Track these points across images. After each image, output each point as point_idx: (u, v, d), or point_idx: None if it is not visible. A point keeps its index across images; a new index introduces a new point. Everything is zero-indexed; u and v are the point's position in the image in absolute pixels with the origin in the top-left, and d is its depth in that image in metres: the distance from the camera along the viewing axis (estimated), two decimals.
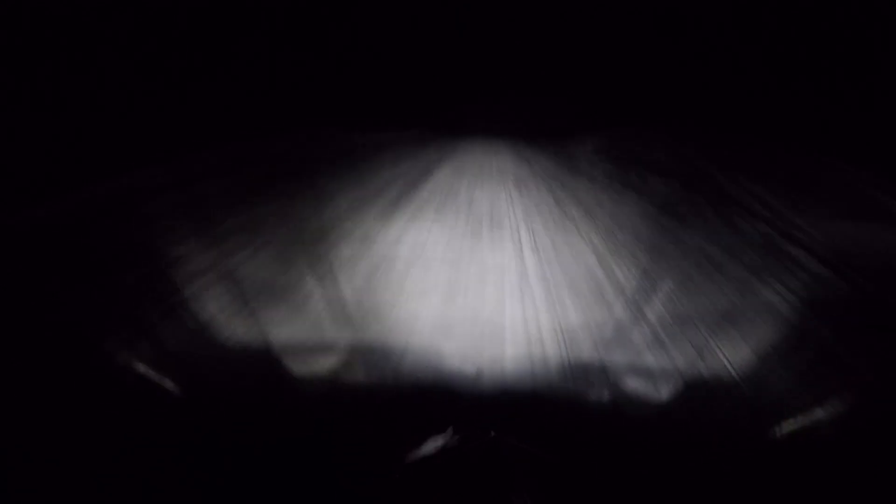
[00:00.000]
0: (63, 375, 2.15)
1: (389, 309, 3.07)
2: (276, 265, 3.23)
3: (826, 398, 2.33)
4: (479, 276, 3.40)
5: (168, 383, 2.30)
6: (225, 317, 2.76)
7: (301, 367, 2.60)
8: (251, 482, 1.99)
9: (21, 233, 2.83)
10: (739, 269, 3.25)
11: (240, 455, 2.09)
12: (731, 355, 2.64)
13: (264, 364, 2.60)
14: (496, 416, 2.50)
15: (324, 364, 2.66)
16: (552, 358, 2.76)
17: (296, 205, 3.90)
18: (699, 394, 2.48)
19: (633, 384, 2.60)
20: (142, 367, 2.32)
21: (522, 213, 4.15)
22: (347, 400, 2.54)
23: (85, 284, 2.68)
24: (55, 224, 2.94)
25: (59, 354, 2.26)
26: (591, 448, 2.26)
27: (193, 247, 3.17)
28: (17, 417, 1.89)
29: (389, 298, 3.15)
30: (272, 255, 3.30)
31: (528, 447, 1.54)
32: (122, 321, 2.54)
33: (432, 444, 1.87)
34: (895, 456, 2.03)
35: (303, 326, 2.83)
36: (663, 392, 2.53)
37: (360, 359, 2.72)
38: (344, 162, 4.81)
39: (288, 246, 3.42)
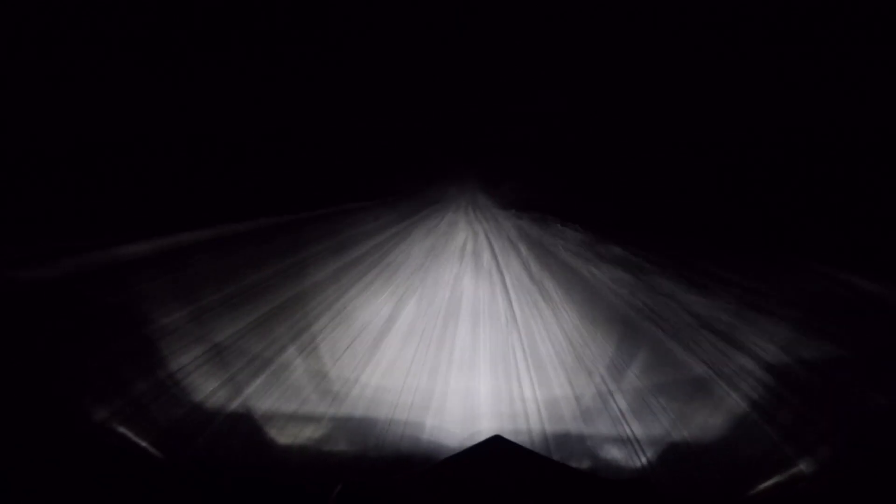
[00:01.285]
0: (49, 439, 2.10)
1: (370, 381, 3.11)
2: (259, 336, 3.26)
3: (802, 456, 2.44)
4: (460, 351, 3.50)
5: (152, 449, 2.25)
6: (209, 386, 2.75)
7: (284, 437, 2.58)
8: None
9: (11, 296, 2.83)
10: (712, 337, 3.43)
11: None
12: (708, 419, 2.75)
13: (247, 432, 2.57)
14: None
15: (307, 434, 2.65)
16: (533, 430, 2.81)
17: (276, 273, 3.99)
18: (676, 458, 2.56)
19: (611, 454, 2.65)
20: (126, 433, 2.27)
21: (501, 288, 4.33)
22: (330, 470, 2.50)
23: (73, 351, 2.66)
24: (45, 291, 2.96)
25: (44, 419, 2.21)
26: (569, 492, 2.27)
27: (179, 318, 3.19)
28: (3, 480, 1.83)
29: (370, 371, 3.19)
30: (255, 326, 3.33)
31: (529, 449, 1.59)
32: (107, 388, 2.50)
33: None
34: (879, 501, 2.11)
35: (285, 396, 2.84)
36: (642, 458, 2.59)
37: (342, 430, 2.72)
38: (327, 236, 4.96)
39: (270, 317, 3.47)
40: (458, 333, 3.69)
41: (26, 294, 2.90)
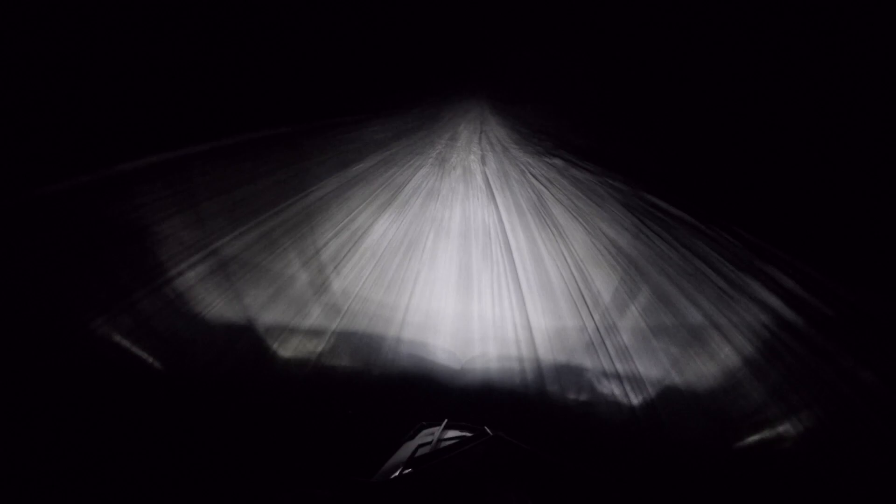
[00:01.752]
0: (48, 348, 2.04)
1: (373, 297, 3.07)
2: (262, 247, 3.14)
3: (793, 413, 2.51)
4: (465, 275, 3.43)
5: (151, 359, 2.23)
6: (209, 295, 2.68)
7: (285, 350, 2.58)
8: (230, 460, 1.96)
9: (10, 213, 2.66)
10: (715, 285, 3.40)
11: (220, 432, 2.06)
12: (702, 367, 2.78)
13: (247, 343, 2.55)
14: (478, 411, 2.56)
15: (309, 348, 2.64)
16: (533, 359, 2.84)
17: (281, 187, 3.80)
18: (670, 402, 2.62)
19: (608, 389, 2.71)
20: (125, 342, 2.22)
21: (507, 216, 4.20)
22: (331, 384, 2.53)
23: (72, 260, 2.54)
24: (46, 204, 2.77)
25: (44, 328, 2.14)
26: (566, 444, 2.35)
27: (178, 225, 3.05)
28: (9, 389, 1.80)
29: (373, 287, 3.14)
30: (257, 237, 3.21)
31: (528, 447, 1.58)
32: (107, 297, 2.42)
33: (427, 436, 1.89)
34: (856, 470, 2.21)
35: (288, 310, 2.79)
36: (635, 399, 2.65)
37: (345, 345, 2.72)
38: (330, 146, 4.70)
39: (273, 228, 3.33)
40: (464, 256, 3.59)
41: (32, 207, 2.72)
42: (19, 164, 2.84)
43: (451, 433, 1.86)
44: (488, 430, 1.86)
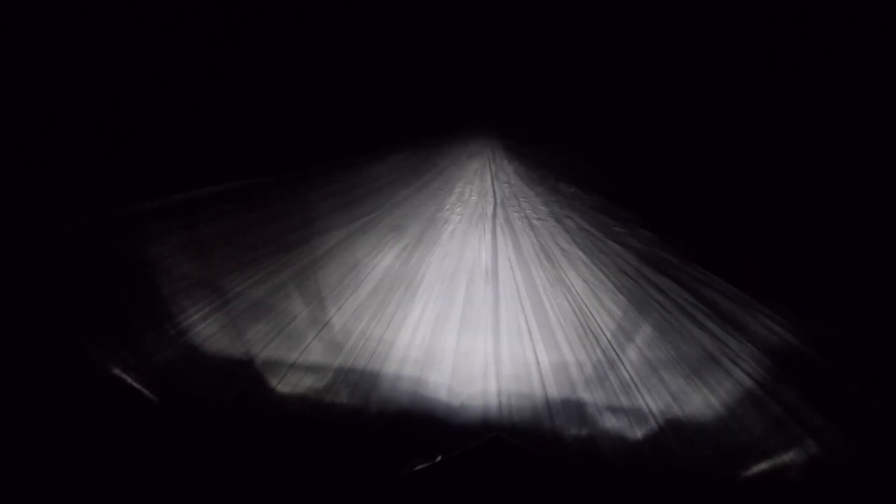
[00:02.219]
0: (50, 383, 2.07)
1: (374, 334, 3.08)
2: (263, 283, 3.21)
3: (796, 443, 2.45)
4: (465, 310, 3.46)
5: (150, 393, 2.24)
6: (210, 331, 2.72)
7: (284, 385, 2.57)
8: (228, 495, 1.93)
9: (16, 248, 2.77)
10: (716, 319, 3.41)
11: (218, 467, 2.03)
12: (705, 400, 2.75)
13: (246, 378, 2.56)
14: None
15: (307, 384, 2.64)
16: (533, 394, 2.81)
17: (284, 225, 3.91)
18: (673, 435, 2.57)
19: (611, 423, 2.67)
20: (125, 377, 2.25)
21: (511, 253, 4.26)
22: (329, 420, 2.51)
23: (75, 300, 2.61)
24: (48, 240, 2.89)
25: (46, 363, 2.18)
26: (567, 482, 2.29)
27: (180, 260, 3.13)
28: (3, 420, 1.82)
29: (374, 324, 3.16)
30: (259, 273, 3.28)
31: (529, 449, 1.57)
32: (108, 332, 2.47)
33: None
34: (863, 498, 2.14)
35: (287, 345, 2.81)
36: (639, 432, 2.60)
37: (344, 382, 2.71)
38: (335, 185, 4.84)
39: (275, 264, 3.41)
40: (465, 292, 3.64)
41: (42, 246, 2.83)
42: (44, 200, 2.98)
43: None
44: None
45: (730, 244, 4.34)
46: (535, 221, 4.79)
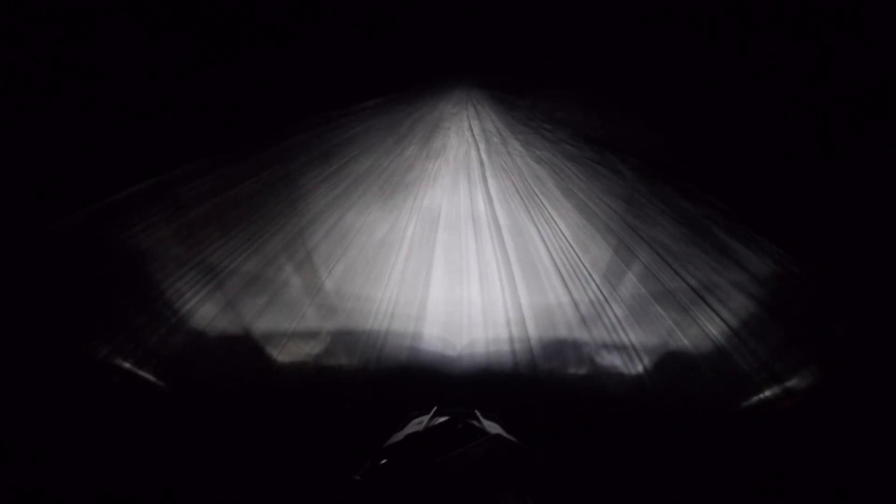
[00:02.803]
0: (49, 373, 2.13)
1: (365, 293, 3.10)
2: (252, 254, 3.21)
3: (797, 369, 2.46)
4: (455, 261, 3.44)
5: (151, 377, 2.30)
6: (204, 309, 2.75)
7: (284, 355, 2.62)
8: (239, 471, 2.01)
9: (15, 249, 2.79)
10: (710, 248, 3.35)
11: (227, 444, 2.11)
12: (704, 329, 2.75)
13: (247, 353, 2.60)
14: (476, 395, 2.57)
15: (306, 350, 2.68)
16: (530, 338, 2.83)
17: (267, 195, 3.87)
18: (674, 367, 2.59)
19: (610, 359, 2.69)
20: (125, 363, 2.30)
21: (497, 198, 4.18)
22: (331, 384, 2.57)
23: (70, 294, 2.64)
24: (39, 243, 2.90)
25: (43, 353, 2.23)
26: (570, 422, 2.34)
27: (167, 238, 3.13)
28: (5, 413, 1.88)
29: (365, 283, 3.17)
30: (247, 245, 3.27)
31: (528, 447, 1.58)
32: (102, 319, 2.51)
33: (416, 425, 1.89)
34: (861, 423, 2.16)
35: (283, 315, 2.84)
36: (639, 366, 2.63)
37: (341, 344, 2.75)
38: (316, 146, 4.74)
39: (263, 234, 3.40)
40: (452, 243, 3.60)
41: (29, 245, 2.84)
42: (24, 201, 2.97)
43: (441, 419, 1.85)
44: (478, 413, 1.85)
45: (716, 175, 4.22)
46: (520, 167, 4.67)
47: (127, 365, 2.30)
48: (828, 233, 3.30)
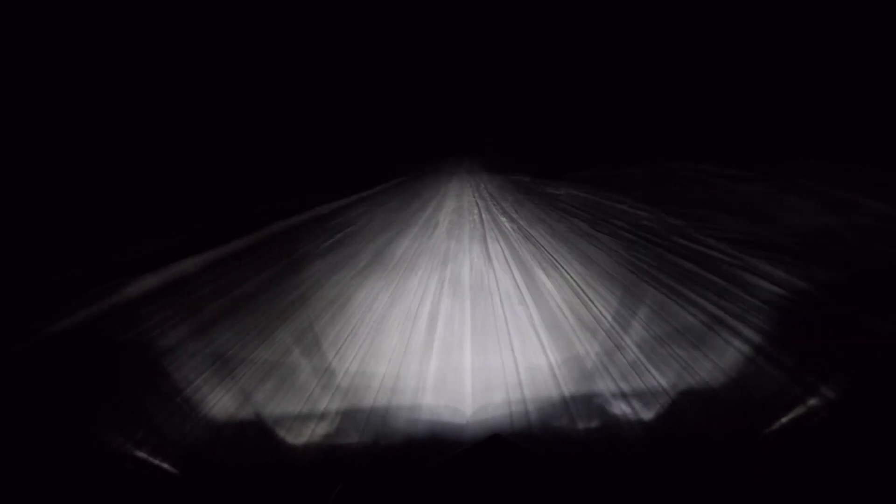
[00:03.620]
0: (65, 466, 2.19)
1: (373, 370, 3.13)
2: (262, 341, 3.32)
3: (814, 390, 2.37)
4: (462, 329, 3.48)
5: (165, 465, 2.33)
6: (217, 397, 2.82)
7: (294, 437, 2.63)
8: None
9: (26, 347, 2.98)
10: (714, 282, 3.33)
11: None
12: (716, 364, 2.69)
13: (258, 437, 2.62)
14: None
15: (317, 431, 2.69)
16: (539, 398, 2.79)
17: (276, 280, 4.05)
18: (687, 406, 2.50)
19: (621, 409, 2.61)
20: (140, 453, 2.35)
21: (501, 265, 4.27)
22: (344, 462, 2.54)
23: (84, 388, 2.77)
24: (55, 338, 3.09)
25: (59, 446, 2.31)
26: (585, 476, 2.25)
27: (182, 335, 3.28)
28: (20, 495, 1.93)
29: (372, 360, 3.22)
30: (257, 332, 3.40)
31: (528, 447, 1.56)
32: (118, 411, 2.60)
33: None
34: (881, 445, 2.03)
35: (293, 398, 2.88)
36: (652, 411, 2.54)
37: (352, 422, 2.75)
38: (321, 232, 4.98)
39: (271, 320, 3.53)
40: (460, 313, 3.67)
41: (41, 342, 3.04)
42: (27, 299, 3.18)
43: None
44: None
45: (714, 210, 4.28)
46: (523, 222, 4.80)
47: (141, 453, 2.34)
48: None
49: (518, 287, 3.85)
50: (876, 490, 1.82)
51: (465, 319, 3.58)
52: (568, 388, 2.79)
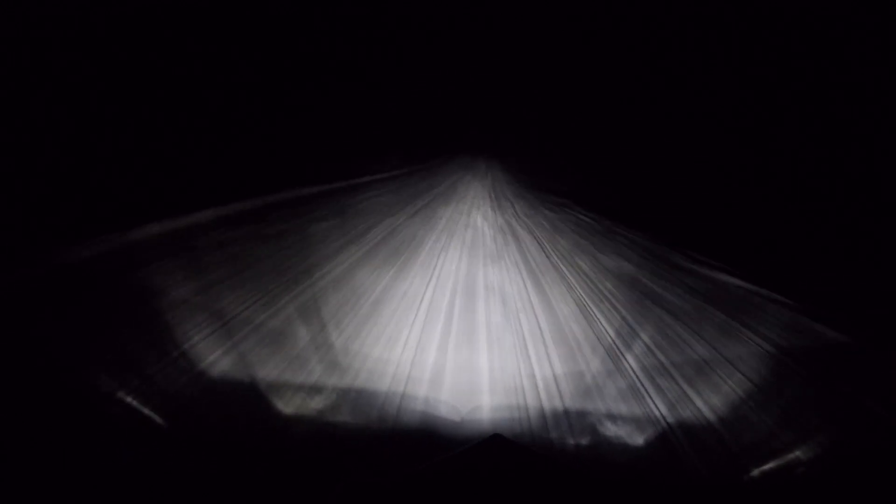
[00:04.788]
0: (57, 411, 2.15)
1: (374, 353, 3.13)
2: (265, 307, 3.29)
3: (803, 439, 2.44)
4: (464, 326, 3.50)
5: (155, 417, 2.30)
6: (214, 355, 2.79)
7: (287, 406, 2.62)
8: None
9: (26, 282, 2.90)
10: (716, 320, 3.41)
11: (222, 488, 2.08)
12: (708, 401, 2.75)
13: (250, 400, 2.61)
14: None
15: (311, 404, 2.68)
16: (533, 406, 2.83)
17: (283, 247, 4.02)
18: (677, 439, 2.56)
19: (612, 430, 2.66)
20: (132, 403, 2.32)
21: (507, 266, 4.30)
22: (333, 440, 2.54)
23: (80, 326, 2.71)
24: (54, 273, 3.02)
25: (53, 391, 2.26)
26: (569, 481, 2.29)
27: (183, 288, 3.23)
28: (12, 448, 1.89)
29: (374, 343, 3.22)
30: (260, 297, 3.37)
31: (528, 447, 1.58)
32: (113, 360, 2.55)
33: None
34: (870, 493, 2.11)
35: (289, 367, 2.86)
36: (642, 438, 2.60)
37: (347, 401, 2.75)
38: (333, 208, 4.94)
39: (276, 288, 3.50)
40: (463, 309, 3.69)
41: (40, 278, 2.96)
42: (35, 233, 3.10)
43: None
44: None
45: (726, 245, 4.36)
46: (533, 232, 4.83)
47: (129, 399, 2.31)
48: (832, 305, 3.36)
49: (526, 296, 3.89)
50: None
51: (469, 320, 3.60)
52: (564, 402, 2.83)
